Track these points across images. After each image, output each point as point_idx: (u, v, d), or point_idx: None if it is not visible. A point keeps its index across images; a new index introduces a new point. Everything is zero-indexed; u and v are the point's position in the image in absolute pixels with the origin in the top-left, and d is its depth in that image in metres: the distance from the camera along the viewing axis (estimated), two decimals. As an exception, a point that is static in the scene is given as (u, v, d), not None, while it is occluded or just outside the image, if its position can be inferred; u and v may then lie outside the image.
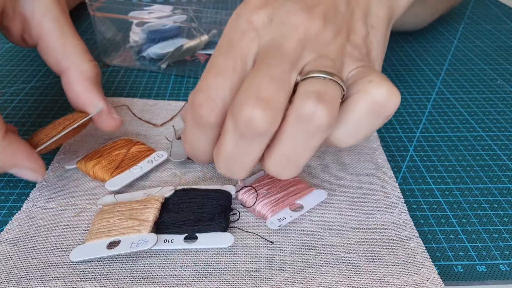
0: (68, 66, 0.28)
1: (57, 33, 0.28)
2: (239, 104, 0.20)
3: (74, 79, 0.28)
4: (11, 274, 0.23)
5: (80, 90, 0.28)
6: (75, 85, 0.28)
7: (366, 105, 0.21)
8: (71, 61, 0.28)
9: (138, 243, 0.24)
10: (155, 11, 0.43)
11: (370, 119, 0.22)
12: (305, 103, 0.20)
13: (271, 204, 0.27)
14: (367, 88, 0.21)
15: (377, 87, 0.21)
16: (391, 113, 0.21)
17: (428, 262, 0.24)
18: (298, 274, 0.23)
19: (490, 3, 0.65)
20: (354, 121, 0.22)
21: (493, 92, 0.42)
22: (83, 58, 0.28)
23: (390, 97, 0.21)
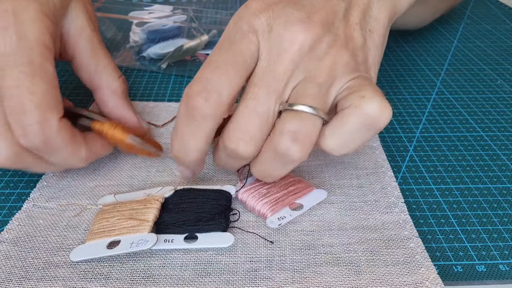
0: (101, 84, 0.30)
1: (91, 52, 0.30)
2: (228, 136, 0.23)
3: (107, 97, 0.30)
4: (11, 274, 0.23)
5: (113, 105, 0.30)
6: (108, 102, 0.30)
7: (358, 119, 0.22)
8: (103, 80, 0.30)
9: (138, 243, 0.24)
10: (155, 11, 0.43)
11: (362, 132, 0.23)
12: (281, 141, 0.22)
13: (271, 203, 0.27)
14: (359, 103, 0.22)
15: (369, 102, 0.22)
16: (383, 126, 0.22)
17: (428, 261, 0.24)
18: (298, 273, 0.23)
19: (490, 3, 0.65)
20: (346, 134, 0.23)
21: (493, 92, 0.42)
22: (113, 76, 0.30)
23: (381, 112, 0.22)
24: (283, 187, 0.28)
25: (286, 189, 0.28)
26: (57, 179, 0.30)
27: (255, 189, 0.27)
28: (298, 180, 0.29)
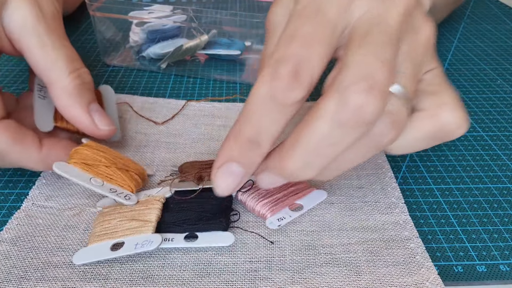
0: (50, 81, 0.27)
1: (36, 47, 0.26)
2: (349, 86, 0.18)
3: (56, 95, 0.27)
4: (10, 274, 0.23)
5: (63, 105, 0.27)
6: (58, 100, 0.27)
7: (431, 129, 0.20)
8: (52, 76, 0.27)
9: (142, 244, 0.24)
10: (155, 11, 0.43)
11: (430, 140, 0.21)
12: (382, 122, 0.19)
13: (270, 204, 0.26)
14: (438, 113, 0.20)
15: (449, 114, 0.20)
16: (453, 139, 0.20)
17: (428, 262, 0.24)
18: (297, 274, 0.23)
19: (490, 3, 0.65)
20: (413, 138, 0.21)
21: (493, 92, 0.42)
22: (62, 72, 0.27)
23: (459, 126, 0.20)
24: (282, 187, 0.28)
25: (285, 189, 0.28)
26: (56, 177, 0.29)
27: (255, 190, 0.27)
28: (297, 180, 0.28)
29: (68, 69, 0.27)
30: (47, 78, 0.27)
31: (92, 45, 0.51)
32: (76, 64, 0.28)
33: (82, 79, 0.28)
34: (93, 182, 0.26)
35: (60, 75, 0.27)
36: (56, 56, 0.27)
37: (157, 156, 0.32)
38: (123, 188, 0.27)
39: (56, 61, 0.27)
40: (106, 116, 0.29)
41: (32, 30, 0.26)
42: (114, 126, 0.29)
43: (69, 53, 0.28)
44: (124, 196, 0.26)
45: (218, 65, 0.45)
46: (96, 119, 0.28)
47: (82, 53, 0.49)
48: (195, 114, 0.37)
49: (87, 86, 0.28)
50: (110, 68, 0.46)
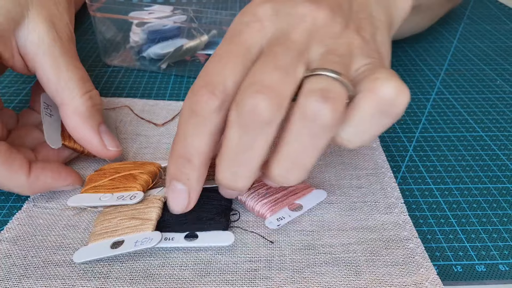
0: (62, 101, 0.27)
1: (50, 66, 0.27)
2: (243, 92, 0.20)
3: (67, 115, 0.28)
4: (11, 272, 0.23)
5: (73, 125, 0.28)
6: (69, 121, 0.28)
7: (372, 104, 0.20)
8: (64, 97, 0.27)
9: (142, 241, 0.24)
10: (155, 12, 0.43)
11: (378, 118, 0.20)
12: (310, 101, 0.19)
13: (270, 203, 0.27)
14: (374, 86, 0.20)
15: (383, 85, 0.19)
16: (400, 111, 0.20)
17: (427, 262, 0.24)
18: (297, 273, 0.23)
19: (489, 4, 0.65)
20: (361, 121, 0.20)
21: (492, 92, 0.42)
22: (76, 93, 0.27)
23: (397, 95, 0.19)
24: (282, 187, 0.28)
25: (285, 189, 0.28)
26: (57, 179, 0.30)
27: (255, 189, 0.27)
28: None
29: (81, 90, 0.28)
30: (60, 98, 0.27)
31: (93, 45, 0.51)
32: (88, 86, 0.28)
33: (93, 101, 0.28)
34: (103, 199, 0.27)
35: (72, 96, 0.27)
36: (70, 77, 0.27)
37: (158, 157, 0.32)
38: (129, 191, 0.27)
39: (69, 82, 0.27)
40: (114, 138, 0.29)
41: (48, 51, 0.27)
42: (121, 147, 0.30)
43: (82, 75, 0.28)
44: (129, 198, 0.26)
45: (218, 66, 0.45)
46: (105, 140, 0.29)
47: (83, 53, 0.49)
48: (195, 114, 0.37)
49: (97, 107, 0.29)
50: (110, 68, 0.46)
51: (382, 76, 0.20)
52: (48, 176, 0.26)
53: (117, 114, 0.37)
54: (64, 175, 0.27)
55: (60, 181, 0.27)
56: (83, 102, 0.28)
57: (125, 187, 0.27)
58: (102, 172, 0.29)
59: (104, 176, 0.28)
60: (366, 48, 0.22)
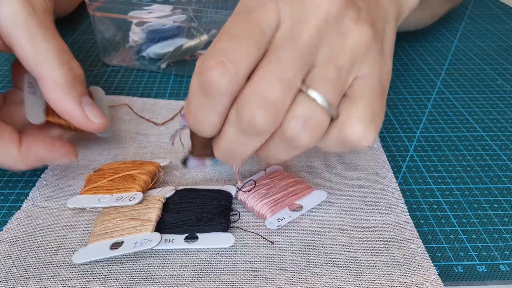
0: (40, 75, 0.26)
1: (27, 40, 0.26)
2: (244, 101, 0.20)
3: (47, 88, 0.27)
4: (10, 273, 0.23)
5: (54, 98, 0.27)
6: (50, 94, 0.27)
7: (337, 136, 0.21)
8: (42, 70, 0.26)
9: (142, 243, 0.24)
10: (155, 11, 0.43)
11: (341, 147, 0.22)
12: (292, 125, 0.21)
13: (270, 204, 0.26)
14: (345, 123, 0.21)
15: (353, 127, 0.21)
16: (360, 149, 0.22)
17: (428, 262, 0.24)
18: (298, 274, 0.23)
19: (490, 3, 0.65)
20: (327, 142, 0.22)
21: (493, 92, 0.42)
22: (54, 65, 0.26)
23: (359, 140, 0.21)
24: (283, 187, 0.28)
25: (285, 190, 0.28)
26: (56, 179, 0.29)
27: (255, 190, 0.27)
28: (298, 181, 0.28)
29: (59, 62, 0.27)
30: (38, 72, 0.26)
31: (92, 45, 0.51)
32: (67, 57, 0.27)
33: (74, 72, 0.27)
34: (102, 200, 0.27)
35: (51, 68, 0.26)
36: (47, 49, 0.26)
37: (157, 156, 0.32)
38: (128, 192, 0.27)
39: (47, 54, 0.26)
40: (98, 109, 0.28)
41: (22, 24, 0.26)
42: (106, 119, 0.28)
43: (60, 46, 0.27)
44: (128, 199, 0.26)
45: (218, 65, 0.45)
46: (88, 112, 0.27)
47: (82, 53, 0.49)
48: (195, 114, 0.37)
49: (78, 78, 0.28)
50: (110, 68, 0.45)
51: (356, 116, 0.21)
52: (41, 147, 0.26)
53: (116, 112, 0.37)
54: (58, 146, 0.27)
55: (53, 152, 0.26)
56: (62, 74, 0.27)
57: (124, 188, 0.27)
58: (101, 173, 0.28)
59: (103, 176, 0.28)
60: (372, 49, 0.22)
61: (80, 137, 0.33)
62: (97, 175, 0.28)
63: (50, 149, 0.26)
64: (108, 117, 0.32)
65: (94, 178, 0.28)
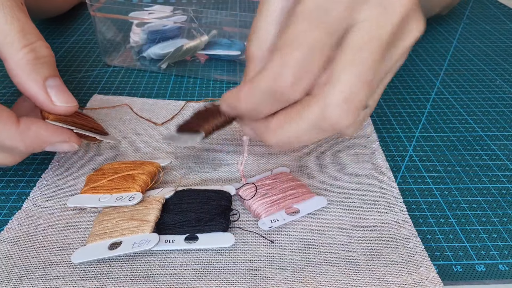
0: (3, 56, 0.26)
1: None
2: (332, 103, 0.21)
3: (10, 70, 0.26)
4: (11, 273, 0.23)
5: (17, 81, 0.26)
6: (12, 77, 0.26)
7: (313, 117, 0.22)
8: (4, 52, 0.25)
9: (140, 243, 0.24)
10: (156, 12, 0.43)
11: (314, 132, 0.23)
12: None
13: (267, 204, 0.27)
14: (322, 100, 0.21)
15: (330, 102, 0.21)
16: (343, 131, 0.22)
17: (427, 261, 0.24)
18: (297, 273, 0.23)
19: (489, 4, 0.65)
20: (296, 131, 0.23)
21: (492, 92, 0.42)
22: (14, 47, 0.25)
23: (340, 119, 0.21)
24: (283, 190, 0.28)
25: (285, 192, 0.28)
26: (57, 179, 0.30)
27: (256, 188, 0.27)
28: (300, 185, 0.28)
29: (21, 43, 0.26)
30: (2, 54, 0.26)
31: (93, 45, 0.51)
32: (30, 38, 0.26)
33: (36, 53, 0.26)
34: (102, 200, 0.27)
35: (11, 50, 0.25)
36: (8, 30, 0.25)
37: (157, 156, 0.32)
38: (128, 192, 0.27)
39: (7, 35, 0.25)
40: (65, 92, 0.27)
41: None
42: (74, 103, 0.27)
43: (23, 27, 0.26)
44: (128, 199, 0.26)
45: (218, 66, 0.45)
46: (53, 95, 0.26)
47: (83, 53, 0.49)
48: (195, 114, 0.37)
49: (42, 60, 0.26)
50: (110, 68, 0.46)
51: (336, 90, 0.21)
52: (41, 128, 0.25)
53: (116, 112, 0.37)
54: (60, 130, 0.26)
55: (55, 135, 0.26)
56: (23, 55, 0.26)
57: (124, 188, 0.27)
58: (101, 172, 0.29)
59: (103, 176, 0.28)
60: None
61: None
62: (97, 175, 0.28)
63: (51, 132, 0.26)
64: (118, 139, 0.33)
65: (94, 177, 0.28)
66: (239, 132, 0.35)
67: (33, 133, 0.25)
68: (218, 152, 0.33)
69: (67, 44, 0.50)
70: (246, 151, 0.28)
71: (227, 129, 0.31)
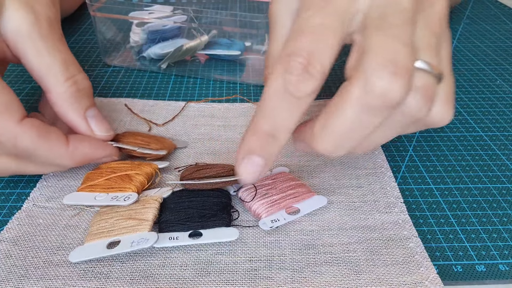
0: (46, 88, 0.27)
1: (31, 53, 0.26)
2: (374, 71, 0.18)
3: (53, 101, 0.27)
4: (11, 273, 0.23)
5: (60, 111, 0.28)
6: (55, 107, 0.27)
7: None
8: (48, 83, 0.27)
9: (138, 242, 0.24)
10: (156, 12, 0.43)
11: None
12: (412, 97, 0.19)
13: (267, 204, 0.27)
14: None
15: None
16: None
17: (427, 261, 0.24)
18: (297, 273, 0.23)
19: (489, 3, 0.65)
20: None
21: (492, 92, 0.42)
22: (58, 79, 0.27)
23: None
24: (283, 189, 0.28)
25: (285, 192, 0.28)
26: (57, 179, 0.30)
27: (256, 189, 0.27)
28: (299, 184, 0.28)
29: (64, 76, 0.27)
30: (44, 85, 0.27)
31: (93, 45, 0.51)
32: (72, 70, 0.28)
33: (78, 86, 0.28)
34: (98, 199, 0.27)
35: (55, 82, 0.27)
36: (51, 62, 0.27)
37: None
38: (124, 192, 0.27)
39: (51, 67, 0.27)
40: (103, 122, 0.29)
41: (26, 36, 0.26)
42: (111, 132, 0.29)
43: (65, 59, 0.27)
44: (123, 199, 0.26)
45: (218, 65, 0.45)
46: (93, 125, 0.28)
47: (83, 53, 0.49)
48: (195, 115, 0.37)
49: (83, 92, 0.28)
50: (110, 68, 0.46)
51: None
52: (86, 147, 0.27)
53: (117, 114, 0.37)
54: (102, 145, 0.28)
55: (99, 150, 0.28)
56: (66, 88, 0.27)
57: (120, 187, 0.27)
58: (99, 171, 0.29)
59: (101, 175, 0.28)
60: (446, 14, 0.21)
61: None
62: (95, 174, 0.28)
63: (95, 148, 0.28)
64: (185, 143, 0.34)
65: (92, 176, 0.28)
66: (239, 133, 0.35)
67: (80, 152, 0.27)
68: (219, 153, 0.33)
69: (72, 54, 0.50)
70: None
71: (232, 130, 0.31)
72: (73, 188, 0.29)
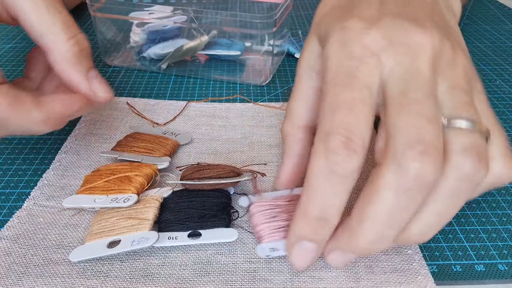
0: (47, 47, 0.26)
1: (31, 11, 0.25)
2: (404, 154, 0.18)
3: (54, 61, 0.26)
4: (10, 270, 0.23)
5: (61, 70, 0.27)
6: (57, 66, 0.27)
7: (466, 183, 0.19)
8: (49, 42, 0.26)
9: (139, 241, 0.24)
10: (156, 12, 0.43)
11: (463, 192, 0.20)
12: (467, 161, 0.19)
13: (272, 229, 0.25)
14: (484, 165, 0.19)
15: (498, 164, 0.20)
16: None
17: (425, 270, 0.23)
18: (296, 277, 0.23)
19: (489, 4, 0.65)
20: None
21: (491, 93, 0.42)
22: (61, 37, 0.26)
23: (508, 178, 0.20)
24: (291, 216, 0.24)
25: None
26: (57, 178, 0.30)
27: (267, 208, 0.26)
28: None
29: (66, 35, 0.26)
30: (44, 44, 0.26)
31: (93, 45, 0.51)
32: (73, 30, 0.27)
33: (80, 46, 0.27)
34: (97, 201, 0.27)
35: (57, 41, 0.26)
36: (52, 21, 0.26)
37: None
38: (123, 193, 0.27)
39: (53, 26, 0.26)
40: (104, 83, 0.28)
41: None
42: (111, 93, 0.28)
43: (65, 19, 0.27)
44: (123, 200, 0.26)
45: (218, 66, 0.45)
46: (94, 86, 0.28)
47: (83, 53, 0.49)
48: (195, 115, 0.37)
49: (84, 52, 0.28)
50: (111, 68, 0.46)
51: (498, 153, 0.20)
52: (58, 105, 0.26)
53: (118, 113, 0.37)
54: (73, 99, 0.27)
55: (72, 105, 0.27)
56: (69, 47, 0.26)
57: (120, 189, 0.27)
58: (98, 173, 0.29)
59: (100, 177, 0.28)
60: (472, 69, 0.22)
61: (83, 134, 0.33)
62: (94, 176, 0.28)
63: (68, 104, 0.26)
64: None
65: (91, 178, 0.28)
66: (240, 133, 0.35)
67: (54, 113, 0.25)
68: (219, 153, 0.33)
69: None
70: None
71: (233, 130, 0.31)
72: (73, 187, 0.29)
